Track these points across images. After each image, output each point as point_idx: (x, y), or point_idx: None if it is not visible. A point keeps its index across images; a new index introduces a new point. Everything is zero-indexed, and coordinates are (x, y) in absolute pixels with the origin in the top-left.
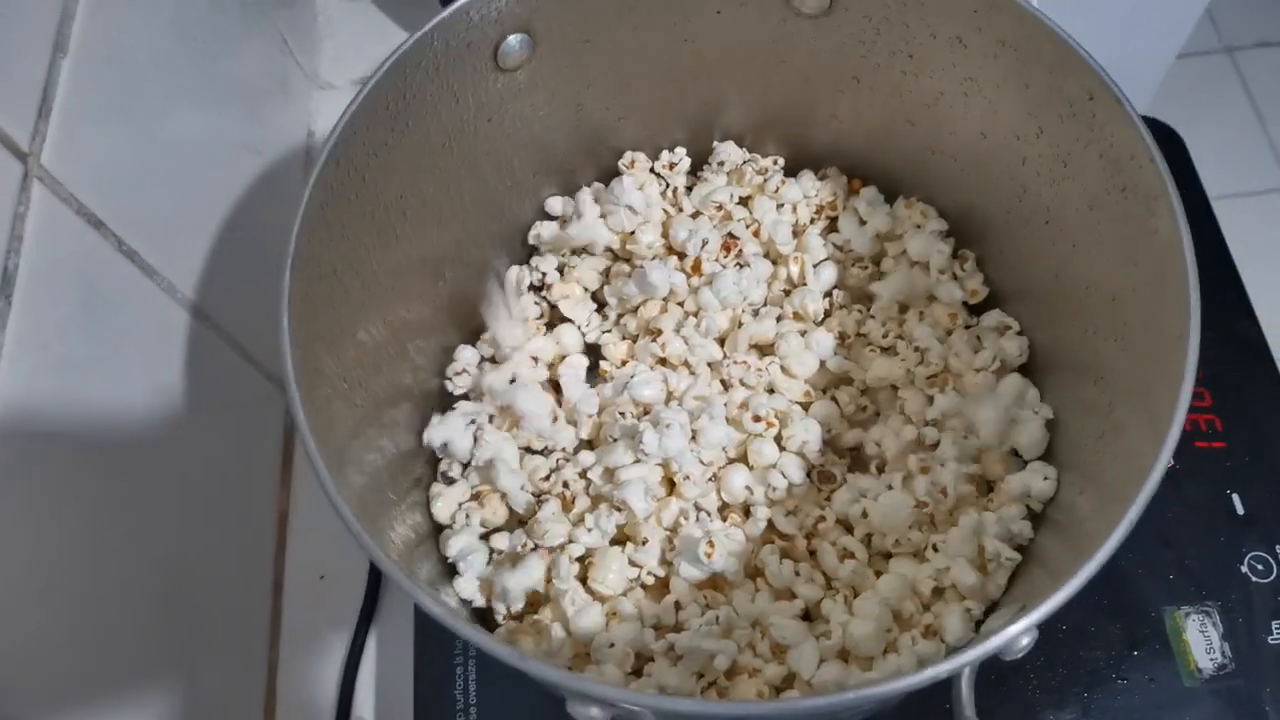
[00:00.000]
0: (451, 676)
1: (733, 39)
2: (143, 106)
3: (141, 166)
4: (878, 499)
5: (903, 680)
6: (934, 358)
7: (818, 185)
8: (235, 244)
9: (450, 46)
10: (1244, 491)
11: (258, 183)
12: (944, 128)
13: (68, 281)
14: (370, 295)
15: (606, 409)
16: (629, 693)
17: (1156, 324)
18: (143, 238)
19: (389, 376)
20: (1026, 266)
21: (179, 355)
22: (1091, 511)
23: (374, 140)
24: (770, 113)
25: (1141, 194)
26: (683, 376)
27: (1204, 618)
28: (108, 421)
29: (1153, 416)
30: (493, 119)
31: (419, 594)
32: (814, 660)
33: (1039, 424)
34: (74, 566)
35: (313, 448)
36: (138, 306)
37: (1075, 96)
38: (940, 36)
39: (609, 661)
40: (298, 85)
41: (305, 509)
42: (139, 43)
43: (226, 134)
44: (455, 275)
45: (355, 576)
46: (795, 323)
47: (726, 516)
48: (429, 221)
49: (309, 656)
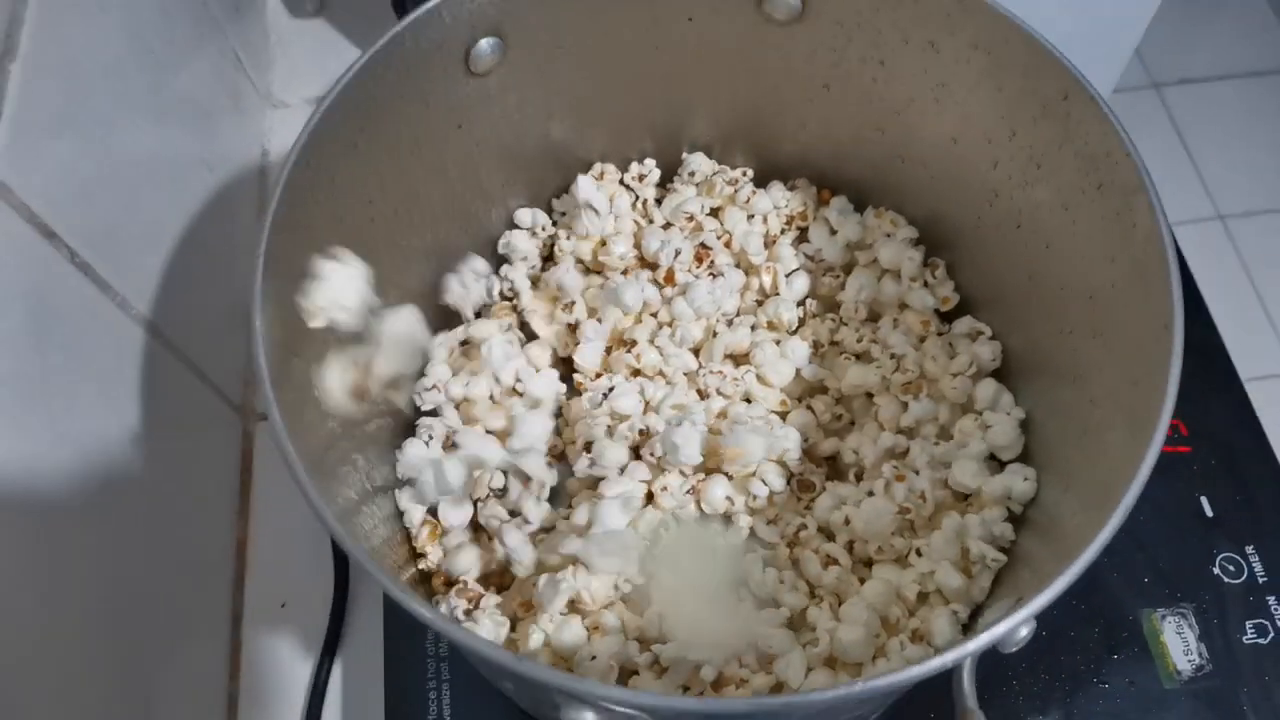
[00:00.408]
0: (424, 702)
1: (703, 46)
2: (94, 116)
3: (93, 177)
4: (859, 505)
5: (908, 672)
6: (909, 364)
7: (788, 196)
8: (189, 262)
9: (421, 46)
10: (1212, 494)
11: (211, 200)
12: (914, 134)
13: (18, 292)
14: None
15: (580, 422)
16: (630, 693)
17: (1137, 317)
18: (96, 251)
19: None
20: (998, 271)
21: (134, 374)
22: (1076, 509)
23: (344, 141)
24: (739, 122)
25: (1119, 189)
26: (659, 386)
27: (1180, 620)
28: (58, 439)
29: (1137, 407)
30: (462, 124)
31: (414, 605)
32: (801, 669)
33: (1012, 424)
34: (17, 595)
35: (290, 450)
36: (91, 321)
37: (1049, 97)
38: (912, 41)
39: (592, 675)
40: (251, 103)
41: (264, 536)
42: (90, 51)
43: (179, 148)
44: (426, 285)
45: (318, 604)
46: (770, 332)
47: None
48: (399, 228)
49: (271, 689)
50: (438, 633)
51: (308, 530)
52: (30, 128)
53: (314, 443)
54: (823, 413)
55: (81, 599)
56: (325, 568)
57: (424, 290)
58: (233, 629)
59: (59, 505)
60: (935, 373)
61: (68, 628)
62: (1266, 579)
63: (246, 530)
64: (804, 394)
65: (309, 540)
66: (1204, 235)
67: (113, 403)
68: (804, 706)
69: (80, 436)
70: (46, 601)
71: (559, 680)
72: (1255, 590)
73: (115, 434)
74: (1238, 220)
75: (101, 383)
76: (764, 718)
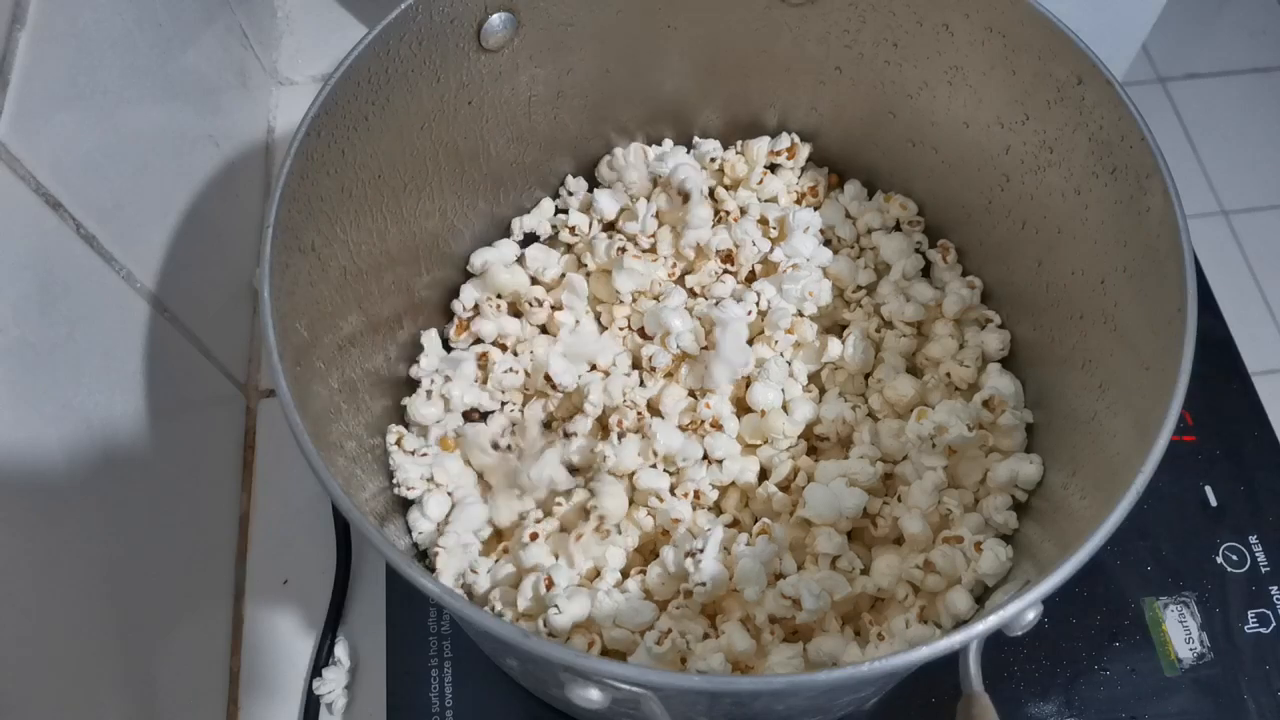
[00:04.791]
0: (427, 679)
1: (716, 26)
2: (101, 88)
3: (100, 150)
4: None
5: (917, 652)
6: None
7: (799, 179)
8: (194, 237)
9: (434, 19)
10: (1216, 484)
11: (217, 176)
12: (926, 118)
13: (24, 263)
14: (348, 277)
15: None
16: (636, 670)
17: (1150, 302)
18: (102, 223)
19: (365, 362)
20: (1008, 257)
21: (138, 347)
22: (1082, 495)
23: (355, 114)
24: (750, 104)
25: (1133, 174)
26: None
27: (1182, 608)
28: (63, 411)
29: (1148, 392)
30: (473, 101)
31: (417, 576)
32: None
33: (1019, 427)
34: (18, 568)
35: (297, 421)
36: (96, 294)
37: (1064, 81)
38: (926, 24)
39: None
40: (257, 79)
41: (267, 513)
42: (98, 23)
43: (185, 123)
44: (432, 264)
45: (320, 581)
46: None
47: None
48: (407, 206)
49: (273, 665)
50: (440, 611)
51: (310, 508)
52: (37, 98)
53: (319, 415)
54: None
55: (84, 573)
56: (327, 545)
57: (427, 280)
58: (235, 605)
59: (62, 478)
60: (938, 355)
61: (70, 602)
62: (1269, 569)
63: (249, 507)
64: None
65: (311, 518)
66: (1208, 230)
67: (117, 376)
68: (809, 686)
69: (84, 408)
70: (48, 575)
71: (564, 656)
72: (1258, 580)
73: (119, 407)
74: (1242, 216)
75: (106, 356)
76: (769, 697)
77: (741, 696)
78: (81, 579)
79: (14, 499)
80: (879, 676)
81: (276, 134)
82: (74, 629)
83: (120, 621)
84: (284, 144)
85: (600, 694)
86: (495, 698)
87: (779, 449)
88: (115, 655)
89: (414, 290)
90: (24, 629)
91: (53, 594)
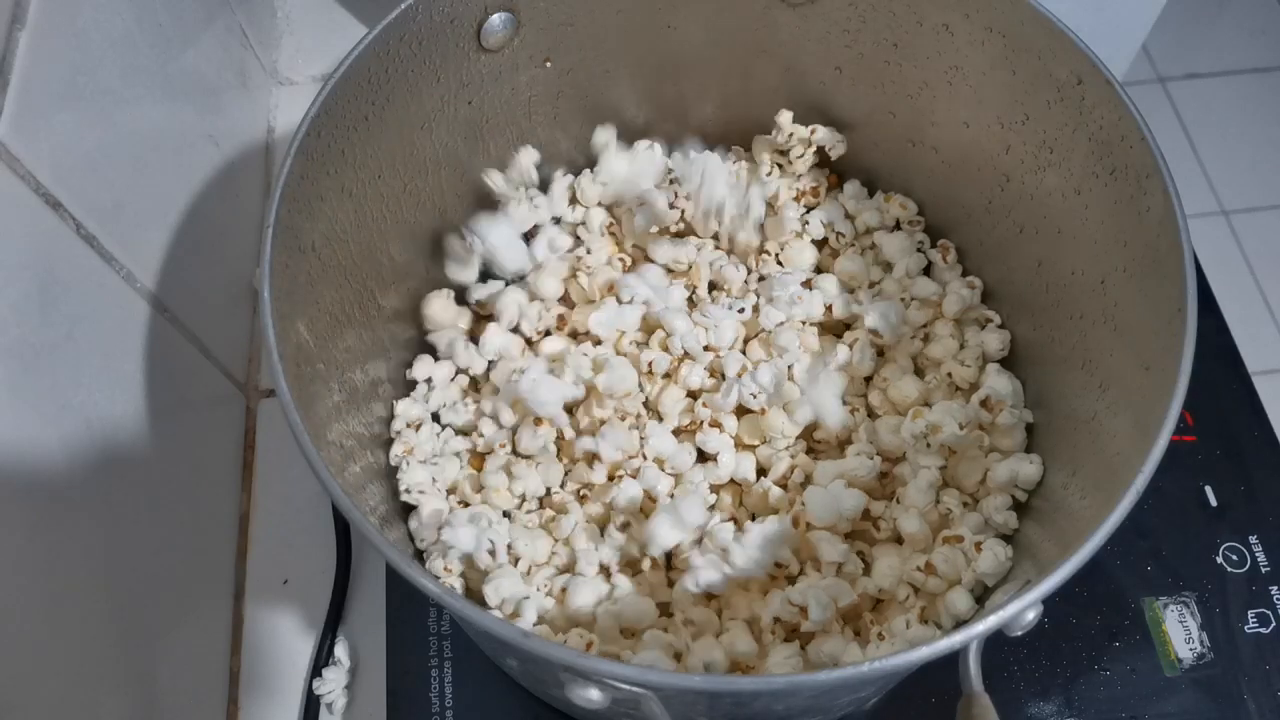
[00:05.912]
0: (426, 679)
1: (716, 26)
2: (101, 88)
3: (99, 149)
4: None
5: (917, 652)
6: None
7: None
8: (194, 237)
9: (434, 19)
10: (1216, 484)
11: (217, 177)
12: (926, 118)
13: (23, 262)
14: (348, 278)
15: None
16: (636, 670)
17: (1150, 302)
18: (101, 223)
19: (365, 362)
20: (1007, 257)
21: (139, 347)
22: (1082, 495)
23: (355, 114)
24: (749, 105)
25: (1133, 174)
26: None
27: (1182, 608)
28: (62, 411)
29: (1148, 392)
30: (473, 101)
31: (417, 576)
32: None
33: (1019, 427)
34: (18, 568)
35: (297, 421)
36: (96, 294)
37: (1064, 81)
38: (927, 24)
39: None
40: (257, 80)
41: (267, 514)
42: (98, 22)
43: (185, 124)
44: (432, 265)
45: (320, 581)
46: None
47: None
48: (407, 206)
49: (273, 665)
50: (440, 611)
51: (310, 508)
52: (38, 97)
53: (320, 415)
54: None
55: (84, 573)
56: (327, 546)
57: (427, 283)
58: (235, 605)
59: (62, 477)
60: (939, 355)
61: (70, 602)
62: (1269, 569)
63: (249, 507)
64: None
65: (311, 518)
66: (1208, 230)
67: (117, 376)
68: (809, 686)
69: (84, 408)
70: (48, 575)
71: (564, 656)
72: (1258, 580)
73: (119, 408)
74: (1242, 216)
75: (106, 356)
76: (769, 697)
77: (741, 696)
78: (81, 579)
79: (14, 499)
80: (879, 676)
81: (276, 134)
82: (74, 629)
83: (120, 621)
84: (284, 144)
85: (600, 694)
86: (495, 698)
87: (777, 448)
88: (115, 655)
89: (414, 290)
90: (24, 629)
91: (53, 594)
